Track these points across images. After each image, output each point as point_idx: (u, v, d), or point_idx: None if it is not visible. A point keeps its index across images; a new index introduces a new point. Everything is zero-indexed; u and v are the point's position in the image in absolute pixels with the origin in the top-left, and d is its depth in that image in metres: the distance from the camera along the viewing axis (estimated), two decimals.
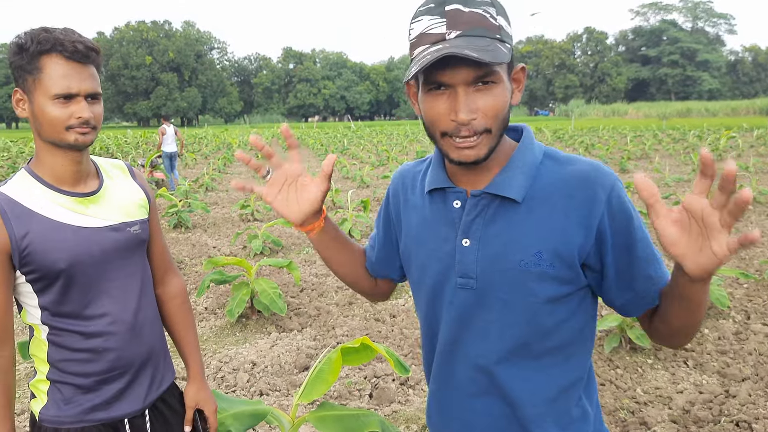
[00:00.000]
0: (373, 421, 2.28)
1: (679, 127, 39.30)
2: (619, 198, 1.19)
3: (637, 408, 3.77)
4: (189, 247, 8.36)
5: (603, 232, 1.18)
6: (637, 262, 1.19)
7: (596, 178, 1.20)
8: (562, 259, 1.19)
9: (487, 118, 1.15)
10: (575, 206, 1.19)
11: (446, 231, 1.30)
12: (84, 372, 1.65)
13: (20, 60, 1.52)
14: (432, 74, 1.14)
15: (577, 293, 1.25)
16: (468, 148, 1.16)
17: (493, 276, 1.23)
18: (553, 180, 1.23)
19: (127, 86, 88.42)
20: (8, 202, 1.55)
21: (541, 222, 1.20)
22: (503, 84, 1.16)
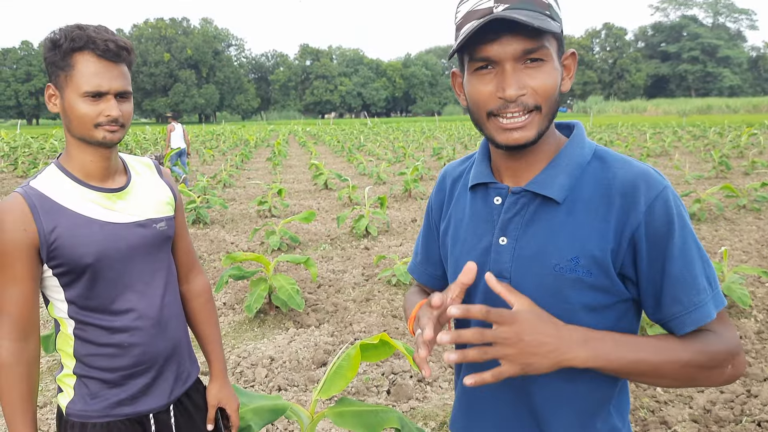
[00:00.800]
0: (392, 417, 2.28)
1: (700, 124, 38.87)
2: (664, 206, 1.10)
3: (657, 407, 3.74)
4: (207, 243, 8.41)
5: (638, 240, 1.11)
6: (668, 280, 1.11)
7: (641, 184, 1.12)
8: (600, 266, 1.12)
9: (536, 96, 1.09)
10: (615, 212, 1.12)
11: (484, 228, 1.26)
12: (110, 367, 1.67)
13: (53, 56, 1.54)
14: (478, 49, 1.09)
15: (617, 305, 1.17)
16: (516, 129, 1.11)
17: (527, 278, 1.18)
18: (597, 182, 1.16)
19: (146, 83, 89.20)
20: (38, 197, 1.57)
21: (580, 226, 1.14)
22: (553, 63, 1.11)
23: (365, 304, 5.75)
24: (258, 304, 5.13)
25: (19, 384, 1.58)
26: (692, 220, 9.30)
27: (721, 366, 1.11)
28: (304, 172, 17.46)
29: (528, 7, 1.06)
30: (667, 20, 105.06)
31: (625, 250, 1.12)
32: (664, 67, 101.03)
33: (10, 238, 1.53)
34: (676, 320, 1.12)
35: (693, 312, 1.11)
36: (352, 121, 78.43)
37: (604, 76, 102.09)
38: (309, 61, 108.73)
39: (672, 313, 1.12)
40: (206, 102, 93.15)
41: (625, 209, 1.11)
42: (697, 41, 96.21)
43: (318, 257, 7.57)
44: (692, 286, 1.10)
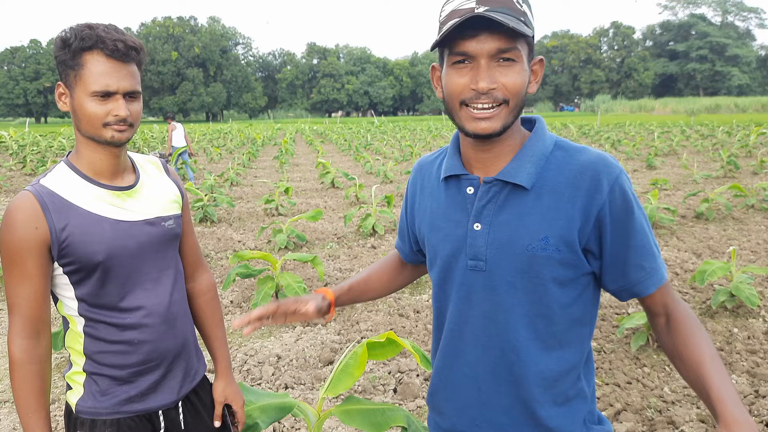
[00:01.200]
0: (399, 415, 2.28)
1: (708, 123, 38.71)
2: (621, 188, 1.25)
3: (665, 407, 3.72)
4: (214, 241, 8.43)
5: (603, 218, 1.25)
6: (632, 251, 1.27)
7: (602, 168, 1.25)
8: (567, 243, 1.26)
9: (506, 91, 1.22)
10: (580, 194, 1.25)
11: (459, 216, 1.36)
12: (120, 364, 1.68)
13: (64, 55, 1.54)
14: (458, 44, 1.21)
15: (580, 279, 1.31)
16: (484, 119, 1.23)
17: (502, 259, 1.30)
18: (561, 169, 1.29)
19: (154, 81, 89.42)
20: (49, 195, 1.57)
21: (548, 209, 1.27)
22: (523, 65, 1.23)
23: (372, 303, 5.75)
24: (265, 302, 5.14)
25: (32, 381, 1.59)
26: (700, 219, 9.29)
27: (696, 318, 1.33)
28: (311, 171, 17.47)
29: (506, 11, 1.19)
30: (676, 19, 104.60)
31: (591, 227, 1.26)
32: (672, 66, 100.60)
33: (22, 236, 1.53)
34: (641, 284, 1.30)
35: (653, 275, 1.29)
36: (359, 119, 78.45)
37: (612, 74, 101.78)
38: (316, 60, 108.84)
39: (636, 278, 1.29)
40: (213, 100, 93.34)
41: (590, 192, 1.25)
42: (705, 40, 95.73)
43: (325, 256, 7.58)
44: (650, 253, 1.29)
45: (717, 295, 5.13)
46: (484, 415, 1.39)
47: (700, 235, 8.32)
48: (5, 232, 1.55)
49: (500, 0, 1.19)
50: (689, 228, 8.79)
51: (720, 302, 5.10)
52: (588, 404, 1.40)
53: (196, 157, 21.93)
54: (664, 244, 7.85)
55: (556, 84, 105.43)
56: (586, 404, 1.39)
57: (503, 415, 1.37)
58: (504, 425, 1.37)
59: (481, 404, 1.39)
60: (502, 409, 1.37)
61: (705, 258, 7.10)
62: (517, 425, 1.36)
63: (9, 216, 1.55)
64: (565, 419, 1.36)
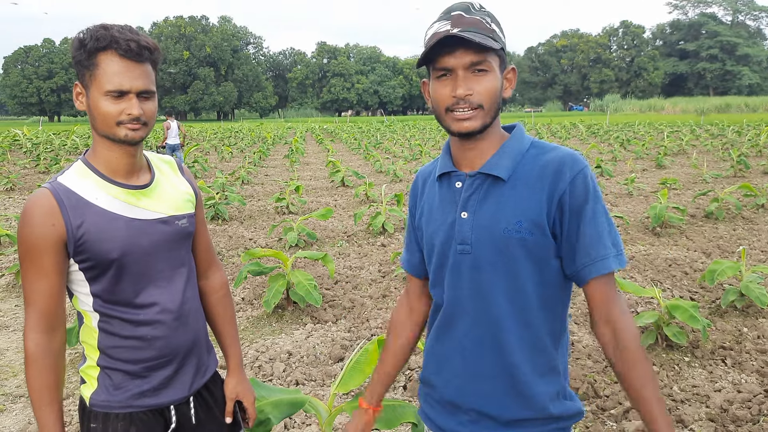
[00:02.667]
0: (409, 412, 2.31)
1: (718, 123, 38.43)
2: (583, 180, 1.43)
3: (674, 406, 3.74)
4: (226, 239, 8.49)
5: (563, 204, 1.43)
6: (582, 237, 1.43)
7: (567, 161, 1.45)
8: (538, 227, 1.44)
9: (480, 96, 1.43)
10: (548, 184, 1.44)
11: (450, 207, 1.56)
12: (133, 359, 1.71)
13: (80, 55, 1.57)
14: (438, 60, 1.44)
15: (551, 261, 1.48)
16: (465, 119, 1.44)
17: (484, 242, 1.48)
18: (534, 164, 1.49)
19: (165, 81, 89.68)
20: (65, 192, 1.61)
21: (521, 197, 1.46)
22: (495, 74, 1.45)
23: (382, 301, 5.79)
24: (276, 299, 5.19)
25: (46, 375, 1.62)
26: (710, 219, 9.27)
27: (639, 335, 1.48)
28: (321, 170, 17.51)
29: (476, 30, 1.41)
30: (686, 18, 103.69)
31: (555, 212, 1.44)
32: (682, 66, 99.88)
33: (39, 233, 1.56)
34: (585, 269, 1.45)
35: (597, 263, 1.44)
36: (369, 118, 78.43)
37: (622, 74, 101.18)
38: (326, 59, 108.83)
39: (582, 263, 1.45)
40: (225, 100, 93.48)
41: (555, 181, 1.44)
42: (715, 39, 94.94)
43: (335, 254, 7.61)
44: (598, 243, 1.43)
45: (727, 295, 5.13)
46: (469, 384, 1.56)
47: (710, 234, 8.30)
48: (23, 229, 1.59)
49: (471, 21, 1.42)
50: (699, 227, 8.76)
51: (730, 302, 5.10)
52: (561, 380, 1.56)
53: (208, 156, 22.01)
54: (673, 243, 7.84)
55: (565, 83, 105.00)
56: (560, 380, 1.55)
57: (487, 384, 1.54)
58: (488, 394, 1.54)
59: (467, 374, 1.56)
60: (486, 378, 1.53)
61: (715, 257, 7.08)
62: (500, 393, 1.53)
63: (27, 213, 1.58)
64: (545, 389, 1.52)
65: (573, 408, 1.57)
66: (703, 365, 4.29)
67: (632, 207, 10.49)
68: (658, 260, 6.95)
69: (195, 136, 35.10)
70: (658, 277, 6.36)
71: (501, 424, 1.53)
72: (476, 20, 1.43)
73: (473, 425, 1.57)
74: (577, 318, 5.18)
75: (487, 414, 1.54)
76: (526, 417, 1.52)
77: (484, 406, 1.54)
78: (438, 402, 1.65)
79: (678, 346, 4.53)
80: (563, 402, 1.56)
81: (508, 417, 1.52)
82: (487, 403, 1.54)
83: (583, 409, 1.60)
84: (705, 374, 4.16)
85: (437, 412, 1.65)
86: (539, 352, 1.51)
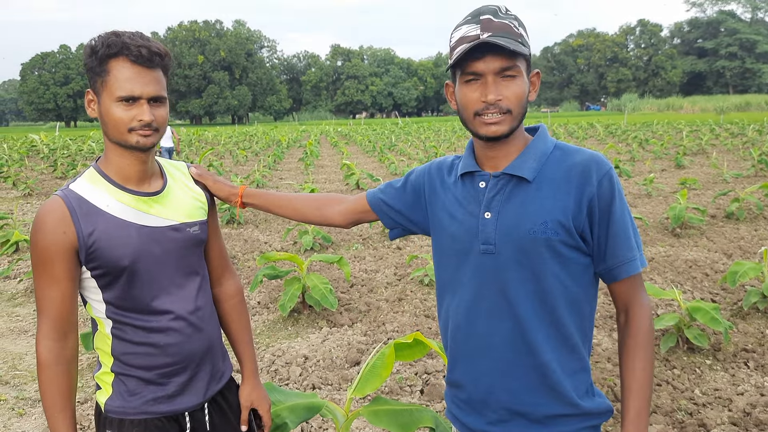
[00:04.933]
0: (427, 416, 2.28)
1: (738, 122, 37.99)
2: (609, 182, 1.47)
3: (695, 409, 3.67)
4: (241, 243, 8.50)
5: (593, 208, 1.47)
6: (611, 238, 1.48)
7: (593, 165, 1.48)
8: (564, 227, 1.46)
9: (509, 102, 1.45)
10: (574, 186, 1.47)
11: (473, 207, 1.57)
12: (147, 365, 1.70)
13: (92, 62, 1.57)
14: (468, 65, 1.45)
15: (579, 260, 1.51)
16: (494, 123, 1.47)
17: (508, 242, 1.50)
18: (559, 166, 1.51)
19: (180, 85, 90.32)
20: (77, 200, 1.61)
21: (546, 198, 1.48)
22: (523, 78, 1.48)
23: (398, 304, 5.76)
24: (292, 303, 5.18)
25: (58, 381, 1.63)
26: (730, 219, 9.17)
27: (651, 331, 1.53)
28: (336, 172, 17.53)
29: (506, 35, 1.43)
30: (704, 16, 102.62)
31: (585, 215, 1.47)
32: (700, 64, 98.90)
33: (51, 240, 1.57)
34: (615, 270, 1.50)
35: (626, 264, 1.49)
36: (383, 120, 78.47)
37: (639, 73, 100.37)
38: (340, 62, 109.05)
39: (612, 263, 1.50)
40: (239, 103, 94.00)
41: (583, 184, 1.47)
42: (735, 37, 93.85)
43: (350, 257, 7.60)
44: (625, 244, 1.49)
45: (749, 296, 5.05)
46: (498, 382, 1.56)
47: (731, 235, 8.19)
48: (35, 236, 1.59)
49: (500, 26, 1.44)
50: (719, 228, 8.65)
51: (752, 303, 5.02)
52: (588, 377, 1.59)
53: (223, 160, 22.12)
54: (693, 244, 7.74)
55: (582, 83, 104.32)
56: (587, 376, 1.58)
57: (517, 381, 1.54)
58: (518, 391, 1.55)
59: (495, 372, 1.56)
60: (516, 375, 1.54)
61: (736, 258, 6.98)
62: (530, 390, 1.54)
63: (39, 220, 1.59)
64: (576, 385, 1.54)
65: (603, 404, 1.59)
66: (725, 368, 4.22)
67: (651, 208, 10.38)
68: (678, 262, 6.85)
69: (210, 140, 35.30)
70: (678, 279, 6.28)
71: (533, 421, 1.55)
72: (505, 24, 1.44)
73: (504, 424, 1.58)
74: (597, 321, 5.12)
75: (518, 411, 1.55)
76: (559, 413, 1.53)
77: (515, 403, 1.55)
78: (466, 402, 1.65)
79: (699, 349, 4.45)
80: (593, 398, 1.58)
81: (540, 413, 1.54)
82: (518, 400, 1.54)
83: (611, 406, 1.61)
84: (727, 377, 4.09)
85: (465, 412, 1.65)
86: (569, 350, 1.54)
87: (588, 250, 1.52)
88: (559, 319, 1.51)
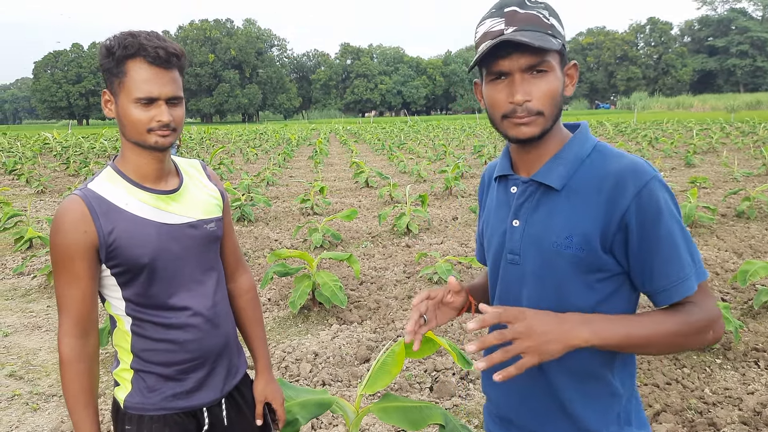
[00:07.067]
0: (436, 413, 2.30)
1: (749, 120, 37.71)
2: (650, 194, 1.27)
3: (705, 408, 3.67)
4: (252, 240, 8.54)
5: (627, 223, 1.28)
6: (657, 258, 1.28)
7: (629, 173, 1.29)
8: (591, 244, 1.30)
9: (540, 102, 1.30)
10: (605, 198, 1.30)
11: (504, 213, 1.48)
12: (166, 362, 1.73)
13: (108, 63, 1.58)
14: (492, 64, 1.31)
15: (610, 280, 1.34)
16: (524, 124, 1.31)
17: (532, 254, 1.39)
18: (594, 173, 1.34)
19: (191, 83, 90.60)
20: (96, 199, 1.63)
21: (574, 209, 1.33)
22: (555, 73, 1.31)
23: (407, 302, 5.78)
24: (302, 300, 5.21)
25: (80, 379, 1.65)
26: (741, 218, 9.10)
27: (703, 332, 1.28)
28: (345, 171, 17.55)
29: (532, 28, 1.29)
30: (715, 14, 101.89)
31: (615, 230, 1.29)
32: (711, 62, 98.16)
33: (71, 240, 1.59)
34: (665, 293, 1.30)
35: (678, 285, 1.28)
36: (393, 119, 78.43)
37: (649, 71, 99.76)
38: (349, 60, 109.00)
39: (660, 286, 1.30)
40: (249, 102, 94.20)
41: (615, 196, 1.29)
42: (746, 35, 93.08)
43: (360, 255, 7.62)
44: (677, 262, 1.28)
45: (759, 296, 5.03)
46: (521, 402, 1.48)
47: (741, 234, 8.15)
48: (55, 236, 1.61)
49: (527, 18, 1.29)
50: (730, 227, 8.61)
51: (762, 302, 5.00)
52: (622, 404, 1.42)
53: (233, 158, 22.19)
54: (703, 243, 7.71)
55: (591, 81, 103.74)
56: (619, 404, 1.42)
57: (537, 403, 1.45)
58: (539, 413, 1.45)
59: (518, 392, 1.47)
60: (536, 397, 1.44)
61: (746, 257, 6.96)
62: (550, 414, 1.43)
63: (58, 220, 1.61)
64: (596, 414, 1.40)
65: None
66: (736, 367, 4.22)
67: None
68: None
69: (221, 139, 35.41)
70: None
71: None
72: (532, 16, 1.30)
73: None
74: None
75: None
76: None
77: (537, 425, 1.47)
78: (497, 416, 1.59)
79: (709, 348, 4.45)
80: (623, 428, 1.42)
81: None
82: (539, 422, 1.46)
83: None
84: (737, 376, 4.08)
85: (497, 426, 1.60)
86: (586, 377, 1.39)
87: (621, 270, 1.34)
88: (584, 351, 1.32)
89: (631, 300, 1.39)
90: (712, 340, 1.31)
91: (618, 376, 1.41)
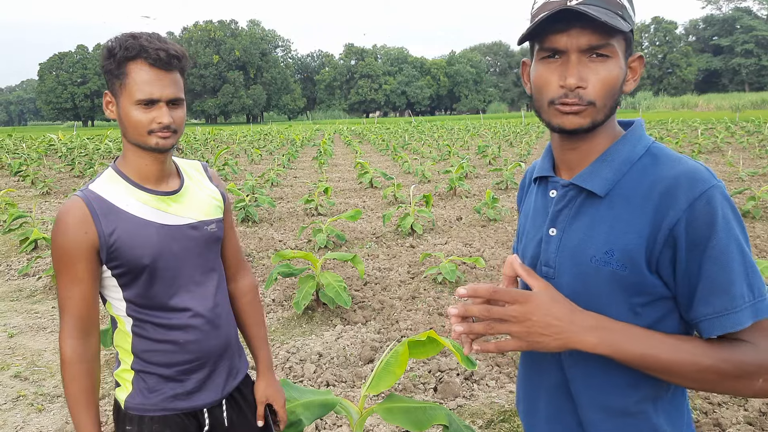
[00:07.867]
0: (440, 414, 2.30)
1: (754, 119, 37.60)
2: (706, 206, 1.07)
3: (711, 409, 3.66)
4: (256, 241, 8.55)
5: (677, 237, 1.09)
6: (703, 281, 1.09)
7: (683, 181, 1.10)
8: (634, 261, 1.12)
9: (595, 90, 1.12)
10: (652, 208, 1.11)
11: (541, 219, 1.30)
12: (167, 362, 1.73)
13: (109, 65, 1.59)
14: (548, 38, 1.13)
15: (655, 304, 1.15)
16: (572, 113, 1.14)
17: (569, 268, 1.21)
18: (643, 179, 1.15)
19: (196, 84, 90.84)
20: (97, 200, 1.63)
21: (618, 220, 1.15)
22: (618, 61, 1.14)
23: (411, 302, 5.77)
24: (306, 300, 5.21)
25: (81, 379, 1.66)
26: (746, 218, 9.04)
27: (750, 378, 1.06)
28: (350, 171, 17.56)
29: (602, 4, 1.09)
30: (720, 13, 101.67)
31: (662, 246, 1.10)
32: (716, 61, 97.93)
33: (72, 240, 1.59)
34: (705, 322, 1.10)
35: (723, 317, 1.08)
36: (397, 119, 78.42)
37: (654, 71, 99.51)
38: (354, 61, 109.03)
39: (702, 314, 1.10)
40: (254, 102, 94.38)
41: (664, 206, 1.10)
42: (751, 34, 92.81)
43: (364, 255, 7.62)
44: (726, 290, 1.07)
45: None
46: (546, 426, 1.32)
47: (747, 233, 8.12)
48: (57, 237, 1.62)
49: None
50: None
51: None
52: None
53: (237, 158, 22.22)
54: None
55: None
56: None
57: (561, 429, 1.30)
58: None
59: (546, 421, 1.32)
60: (563, 429, 1.29)
61: None
62: None
63: (60, 221, 1.62)
64: None
65: None
66: None
67: None
68: None
69: (225, 139, 35.46)
70: None
71: None
72: None
73: None
74: None
75: None
76: None
77: None
78: None
79: None
80: None
81: None
82: None
83: None
84: None
85: None
86: (629, 411, 1.19)
87: (669, 294, 1.14)
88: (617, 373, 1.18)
89: (680, 330, 1.18)
90: (760, 391, 1.07)
91: (663, 412, 1.21)
